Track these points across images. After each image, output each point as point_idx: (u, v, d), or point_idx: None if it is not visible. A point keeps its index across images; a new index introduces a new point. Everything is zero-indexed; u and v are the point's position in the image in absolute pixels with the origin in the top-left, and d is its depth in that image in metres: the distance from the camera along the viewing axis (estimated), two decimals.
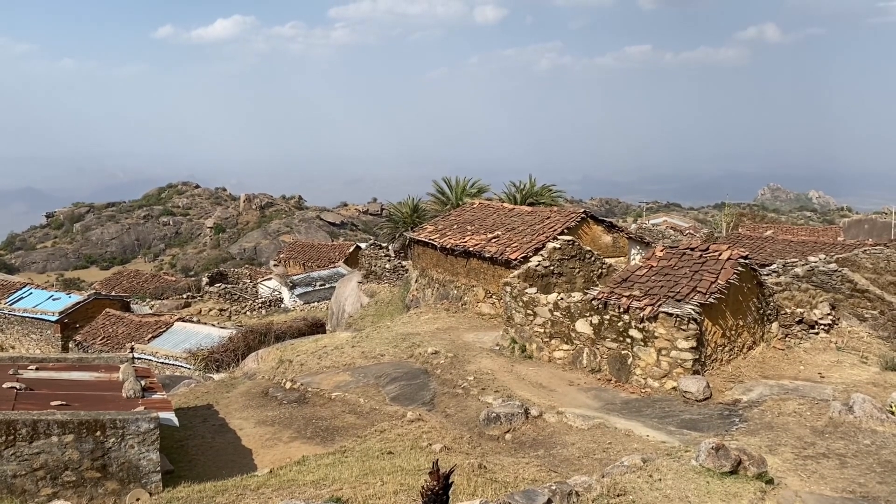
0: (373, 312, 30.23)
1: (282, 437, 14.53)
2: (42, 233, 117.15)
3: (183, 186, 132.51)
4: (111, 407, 11.99)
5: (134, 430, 11.35)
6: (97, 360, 15.10)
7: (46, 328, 33.52)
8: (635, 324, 14.93)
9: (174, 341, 28.36)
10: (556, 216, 21.57)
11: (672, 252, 16.70)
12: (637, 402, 14.44)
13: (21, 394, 12.16)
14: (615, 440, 12.49)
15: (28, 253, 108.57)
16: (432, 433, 13.17)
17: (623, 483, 9.06)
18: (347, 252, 48.39)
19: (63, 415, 11.11)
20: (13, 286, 38.89)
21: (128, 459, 11.35)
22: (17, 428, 10.75)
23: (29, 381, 12.93)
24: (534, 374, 16.12)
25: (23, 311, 34.74)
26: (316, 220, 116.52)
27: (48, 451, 10.91)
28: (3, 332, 35.34)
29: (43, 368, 13.97)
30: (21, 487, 10.80)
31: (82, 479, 11.12)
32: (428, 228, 24.82)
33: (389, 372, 17.40)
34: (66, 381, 13.37)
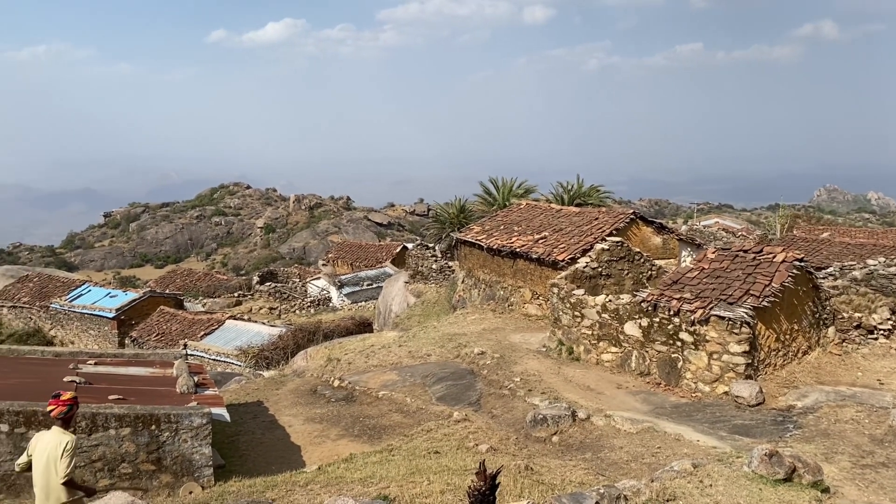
0: (419, 312, 30.35)
1: (330, 435, 14.71)
2: (100, 232, 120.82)
3: (234, 187, 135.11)
4: (165, 402, 12.30)
5: (187, 424, 11.63)
6: (152, 355, 15.52)
7: (104, 324, 34.59)
8: (686, 327, 14.68)
9: (226, 339, 28.97)
10: (605, 217, 21.35)
11: (724, 254, 16.37)
12: (687, 407, 14.20)
13: (81, 387, 12.55)
14: (664, 444, 12.31)
15: (86, 251, 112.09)
16: (478, 433, 13.17)
17: (673, 488, 8.91)
18: (394, 252, 48.71)
19: (120, 408, 11.44)
20: (73, 283, 40.24)
21: (181, 453, 11.64)
22: (77, 421, 11.10)
23: (88, 375, 13.36)
24: (581, 377, 15.99)
25: (82, 307, 35.91)
26: (363, 220, 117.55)
27: (106, 444, 11.25)
28: (63, 327, 36.60)
29: (101, 363, 14.41)
30: (80, 479, 11.15)
31: (138, 471, 11.43)
32: (475, 229, 24.82)
33: (436, 372, 17.46)
34: (123, 376, 13.76)
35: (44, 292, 39.26)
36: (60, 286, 39.76)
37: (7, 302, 39.75)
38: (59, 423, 7.76)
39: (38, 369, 13.66)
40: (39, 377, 13.10)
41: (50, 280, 41.57)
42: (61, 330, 36.61)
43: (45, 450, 7.59)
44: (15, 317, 38.99)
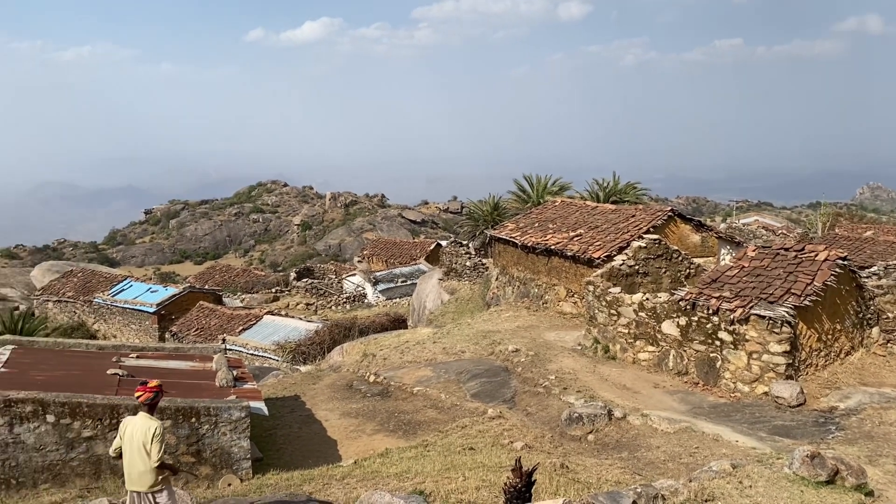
0: (453, 309, 30.38)
1: (365, 430, 14.83)
2: (141, 228, 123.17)
3: (272, 185, 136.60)
4: (205, 395, 12.52)
5: (226, 417, 11.82)
6: (192, 349, 15.80)
7: (145, 319, 35.32)
8: (725, 326, 14.46)
9: (263, 334, 29.36)
10: (642, 214, 21.12)
11: (765, 252, 16.08)
12: (726, 407, 14.01)
13: (123, 380, 12.84)
14: (702, 444, 12.16)
15: (128, 247, 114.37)
16: (513, 431, 13.17)
17: (711, 488, 8.81)
18: (428, 249, 48.86)
19: (162, 401, 11.67)
20: (115, 279, 41.17)
21: (220, 446, 11.83)
22: (120, 412, 11.35)
23: (130, 368, 13.65)
24: (617, 376, 15.86)
25: (124, 302, 36.72)
26: (398, 217, 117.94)
27: None
28: (105, 321, 37.47)
29: (143, 357, 14.72)
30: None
31: (178, 462, 11.63)
32: (509, 226, 24.76)
33: (470, 368, 17.48)
34: (164, 369, 14.04)
35: (87, 287, 40.23)
36: (103, 281, 40.70)
37: (52, 296, 40.82)
38: (145, 408, 8.08)
39: (83, 362, 14.00)
40: (84, 370, 13.43)
41: (93, 275, 42.59)
42: (104, 324, 37.48)
43: (134, 435, 7.90)
44: (60, 311, 40.03)
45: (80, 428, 11.17)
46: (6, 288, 46.59)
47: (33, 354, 14.02)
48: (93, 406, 11.21)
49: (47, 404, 11.03)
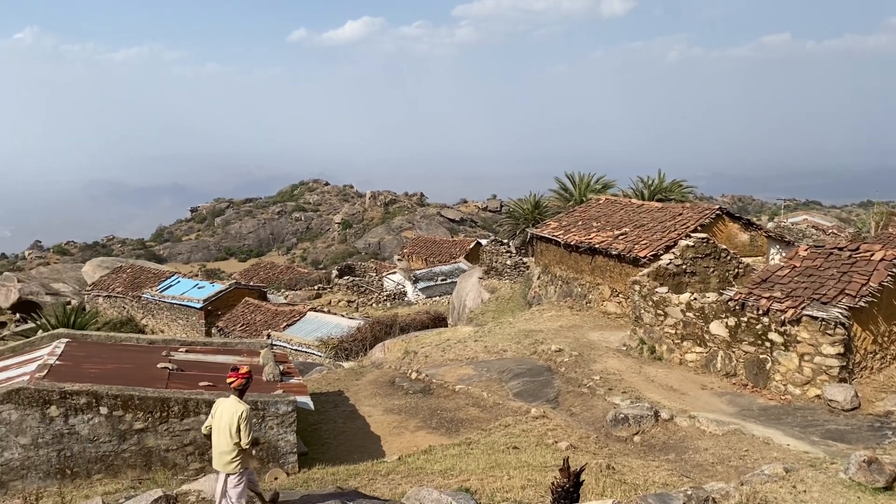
0: (493, 308, 30.30)
1: (408, 426, 14.88)
2: (187, 226, 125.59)
3: (314, 184, 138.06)
4: (252, 389, 12.67)
5: (273, 411, 11.97)
6: (239, 344, 16.04)
7: (192, 314, 36.01)
8: (776, 327, 14.13)
9: (307, 330, 29.68)
10: (689, 212, 20.76)
11: (817, 252, 15.66)
12: (776, 410, 13.68)
13: (173, 374, 13.10)
14: (752, 447, 11.89)
15: (174, 244, 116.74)
16: (557, 431, 13.06)
17: (764, 492, 8.61)
18: (468, 248, 48.80)
19: (210, 395, 11.87)
20: (163, 275, 42.07)
21: (267, 440, 11.99)
22: (170, 405, 11.60)
23: (179, 362, 13.92)
24: (663, 377, 15.63)
25: (171, 297, 37.49)
26: (436, 216, 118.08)
27: (197, 429, 11.68)
28: (153, 316, 38.31)
29: (192, 351, 15.00)
30: (173, 461, 11.66)
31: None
32: (551, 225, 24.58)
33: (512, 368, 17.41)
34: (212, 364, 14.28)
35: (136, 283, 41.19)
36: (151, 277, 41.62)
37: (102, 291, 41.88)
38: (236, 393, 8.36)
39: (134, 355, 14.32)
40: (135, 363, 13.74)
41: (142, 271, 43.58)
42: (152, 319, 38.32)
43: (223, 417, 8.18)
44: (110, 306, 41.05)
45: (131, 420, 11.44)
46: (59, 283, 47.98)
47: (86, 347, 14.39)
48: (144, 399, 11.47)
49: (101, 396, 11.31)
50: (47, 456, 11.13)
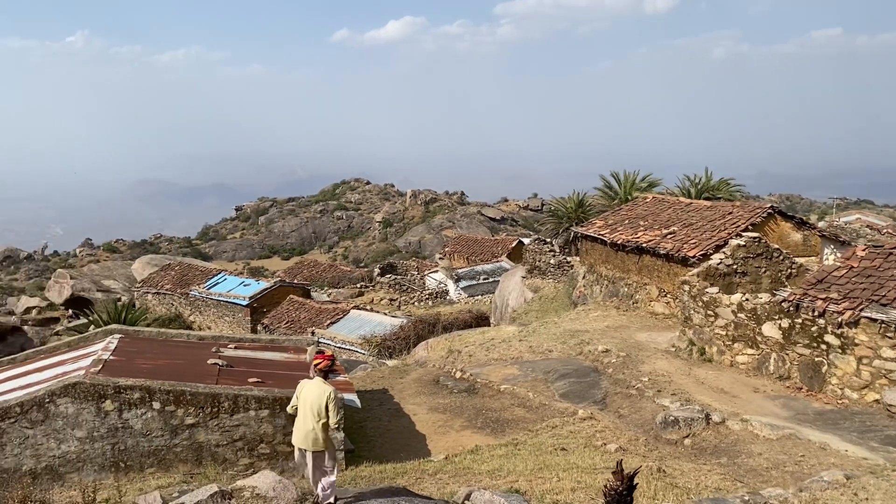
0: (536, 308, 30.08)
1: (453, 425, 14.83)
2: (231, 224, 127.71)
3: (355, 183, 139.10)
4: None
5: None
6: (286, 341, 16.20)
7: (238, 311, 36.57)
8: (832, 329, 13.71)
9: (350, 327, 29.88)
10: (740, 211, 20.29)
11: (876, 252, 15.15)
12: (832, 414, 13.28)
13: (223, 370, 13.28)
14: (808, 453, 11.56)
15: (219, 243, 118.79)
16: (606, 432, 12.89)
17: (824, 499, 8.35)
18: (510, 247, 48.56)
19: (259, 391, 12.00)
20: (210, 272, 42.81)
21: None
22: (221, 401, 11.75)
23: (229, 358, 14.10)
24: (714, 379, 15.30)
25: (218, 295, 38.12)
26: (477, 215, 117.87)
27: (246, 424, 11.84)
28: (201, 313, 39.01)
29: (240, 347, 15.19)
30: (223, 456, 11.81)
31: (276, 452, 11.96)
32: (597, 223, 24.29)
33: (558, 368, 17.23)
34: (260, 360, 14.44)
35: (184, 280, 41.99)
36: (199, 275, 42.38)
37: (151, 289, 42.82)
38: (321, 374, 8.68)
39: (184, 351, 14.56)
40: (185, 359, 13.96)
41: (189, 269, 44.41)
42: (199, 316, 39.03)
43: (309, 398, 8.47)
44: (158, 302, 41.94)
45: (183, 415, 11.62)
46: (109, 280, 49.21)
47: (139, 343, 14.68)
48: (195, 394, 11.64)
49: (153, 391, 11.51)
50: (102, 449, 11.38)
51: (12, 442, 11.06)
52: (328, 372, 8.77)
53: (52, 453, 11.21)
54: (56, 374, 12.79)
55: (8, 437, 11.02)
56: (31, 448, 11.14)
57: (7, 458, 11.03)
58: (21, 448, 11.11)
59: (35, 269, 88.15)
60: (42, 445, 11.16)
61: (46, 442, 11.18)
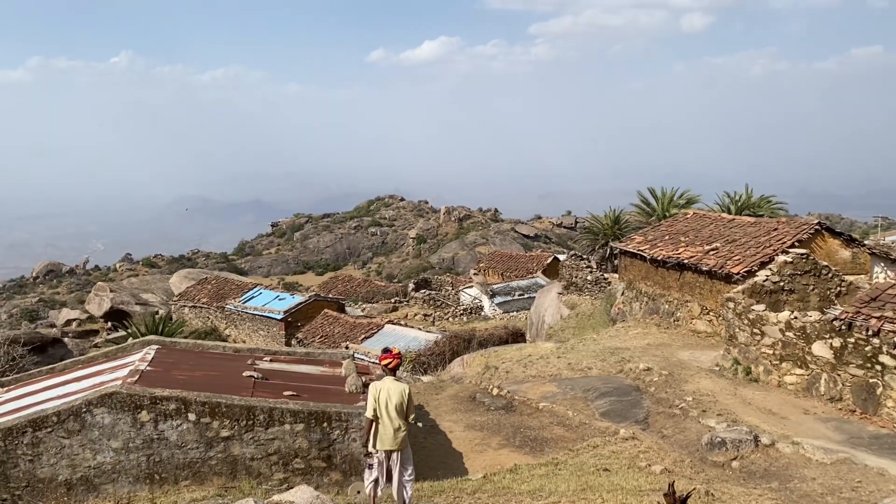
0: (573, 325, 29.59)
1: (491, 444, 14.50)
2: (267, 240, 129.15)
3: (389, 199, 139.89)
4: (335, 400, 12.59)
5: (357, 423, 11.81)
6: (322, 355, 16.05)
7: (272, 325, 36.69)
8: (887, 349, 13.09)
9: (384, 342, 29.68)
10: (785, 227, 19.70)
11: None
12: (889, 438, 12.65)
13: (258, 382, 13.15)
14: (865, 479, 10.99)
15: (255, 258, 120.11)
16: (649, 453, 12.44)
17: None
18: (545, 263, 48.15)
19: (295, 404, 11.82)
20: (246, 287, 43.16)
21: (350, 452, 11.84)
22: (256, 414, 11.59)
23: (264, 370, 13.98)
24: (761, 399, 14.74)
25: (253, 309, 38.33)
26: (510, 231, 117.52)
27: (281, 438, 11.65)
28: (236, 327, 39.25)
29: (275, 360, 15.07)
30: (257, 470, 11.63)
31: (310, 467, 11.75)
32: (637, 239, 23.83)
33: (598, 386, 16.80)
34: (296, 373, 14.29)
35: (220, 294, 42.35)
36: (235, 289, 42.73)
37: (188, 302, 43.25)
38: (390, 373, 9.10)
39: (220, 363, 14.48)
40: (221, 371, 13.88)
41: (226, 283, 44.82)
42: (234, 329, 39.26)
43: (391, 396, 8.88)
44: (195, 316, 42.33)
45: (218, 427, 11.48)
46: (148, 293, 49.90)
47: (175, 354, 14.65)
48: (231, 406, 11.50)
49: (189, 403, 11.40)
50: (137, 460, 11.28)
51: (48, 451, 11.03)
52: (396, 369, 9.05)
53: (87, 464, 11.15)
54: (93, 384, 12.79)
55: (44, 447, 10.99)
56: (66, 458, 11.09)
57: (43, 467, 11.00)
58: (57, 458, 11.07)
59: (76, 283, 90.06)
60: (78, 455, 11.11)
61: (82, 452, 11.13)
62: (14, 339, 32.09)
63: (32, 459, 10.96)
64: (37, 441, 10.96)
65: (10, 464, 10.88)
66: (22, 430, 10.92)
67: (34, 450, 10.95)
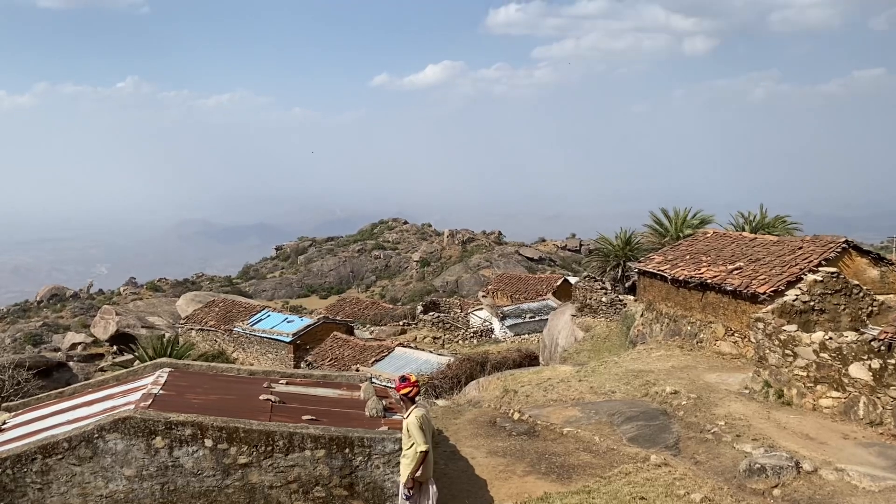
0: (588, 347, 29.04)
1: (515, 470, 13.92)
2: (272, 264, 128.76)
3: (393, 222, 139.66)
4: (355, 424, 12.06)
5: (380, 450, 11.29)
6: (339, 377, 15.54)
7: (281, 348, 36.14)
8: None
9: (395, 365, 29.15)
10: (811, 246, 19.24)
11: None
12: None
13: (276, 406, 12.63)
14: None
15: (259, 282, 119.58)
16: (685, 480, 11.88)
17: None
18: (555, 285, 47.62)
19: (315, 429, 11.30)
20: (254, 309, 42.66)
21: (373, 480, 11.30)
22: (275, 439, 11.07)
23: (281, 394, 13.46)
24: (796, 423, 14.16)
25: (262, 331, 37.80)
26: (514, 254, 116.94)
27: (301, 465, 11.12)
28: (244, 350, 38.70)
29: (292, 383, 14.56)
30: (276, 499, 11.09)
31: (331, 496, 11.20)
32: (656, 259, 23.36)
33: (623, 410, 16.25)
34: (313, 397, 13.77)
35: (228, 317, 41.85)
36: (242, 311, 42.22)
37: (196, 325, 42.74)
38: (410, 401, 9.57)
39: (235, 387, 13.98)
40: (237, 394, 13.37)
41: (233, 305, 44.31)
42: (242, 352, 38.71)
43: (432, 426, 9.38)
44: (202, 339, 41.79)
45: (236, 454, 10.96)
46: (154, 316, 49.41)
47: (189, 377, 14.15)
48: (249, 432, 10.99)
49: (206, 428, 10.89)
50: (151, 489, 10.75)
51: (59, 479, 10.51)
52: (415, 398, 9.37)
53: (99, 492, 10.62)
54: (104, 408, 12.29)
55: (55, 475, 10.47)
56: (77, 486, 10.56)
57: (53, 496, 10.47)
58: (67, 486, 10.54)
59: (80, 307, 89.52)
60: (90, 484, 10.58)
61: (94, 480, 10.60)
62: (19, 362, 31.56)
63: (42, 488, 10.43)
64: (46, 468, 10.45)
65: (19, 493, 10.36)
66: (31, 458, 10.41)
67: (44, 478, 10.44)
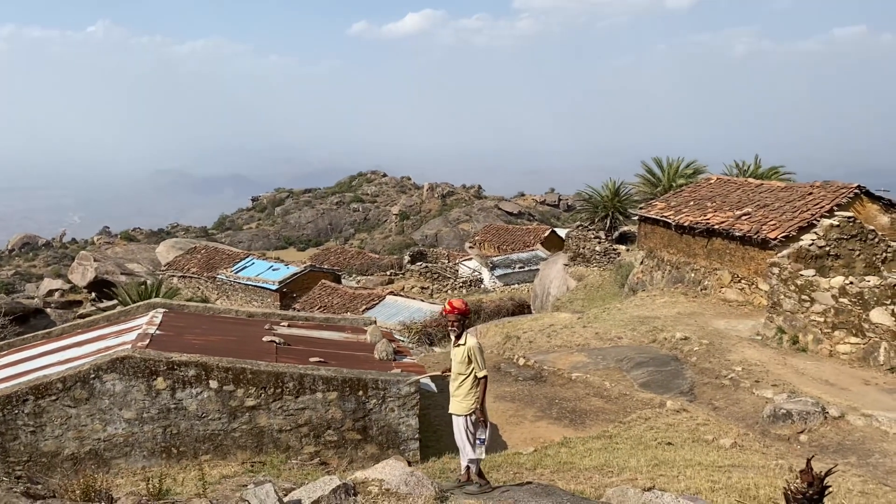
0: (581, 296, 28.66)
1: (526, 416, 13.50)
2: (248, 215, 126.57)
3: (371, 175, 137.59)
4: (366, 367, 11.48)
5: (395, 392, 10.74)
6: (342, 321, 14.90)
7: (267, 296, 35.33)
8: None
9: (387, 313, 28.57)
10: (822, 192, 18.76)
11: None
12: None
13: (281, 348, 11.99)
14: None
15: (235, 233, 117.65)
16: (709, 426, 11.49)
17: None
18: (543, 236, 47.10)
19: (327, 371, 10.70)
20: (238, 256, 41.67)
21: (387, 423, 10.78)
22: (285, 381, 10.46)
23: (284, 336, 12.82)
24: (814, 370, 13.83)
25: (246, 279, 36.93)
26: (494, 209, 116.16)
27: (312, 408, 10.54)
28: (228, 297, 37.84)
29: (293, 325, 13.91)
30: (286, 443, 10.52)
31: (343, 440, 10.67)
32: (658, 205, 22.81)
33: (632, 356, 15.86)
34: (318, 339, 13.15)
35: (210, 264, 40.83)
36: (226, 258, 41.22)
37: (177, 272, 41.71)
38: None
39: (235, 328, 13.29)
40: (238, 336, 12.70)
41: (216, 252, 43.26)
42: (227, 300, 37.85)
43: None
44: (184, 286, 40.78)
45: (243, 396, 10.34)
46: (133, 263, 48.18)
47: (185, 318, 13.43)
48: (257, 373, 10.35)
49: (210, 369, 10.23)
50: (152, 432, 10.11)
51: (53, 422, 9.81)
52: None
53: (96, 436, 9.96)
54: (98, 348, 11.55)
55: (48, 417, 9.77)
56: (73, 429, 9.88)
57: (47, 439, 9.78)
58: (62, 429, 9.86)
59: (53, 256, 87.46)
60: (86, 427, 9.90)
61: (91, 423, 9.92)
62: None
63: (35, 431, 9.74)
64: (39, 410, 9.74)
65: (10, 435, 9.66)
66: (22, 398, 9.69)
67: (36, 420, 9.73)
